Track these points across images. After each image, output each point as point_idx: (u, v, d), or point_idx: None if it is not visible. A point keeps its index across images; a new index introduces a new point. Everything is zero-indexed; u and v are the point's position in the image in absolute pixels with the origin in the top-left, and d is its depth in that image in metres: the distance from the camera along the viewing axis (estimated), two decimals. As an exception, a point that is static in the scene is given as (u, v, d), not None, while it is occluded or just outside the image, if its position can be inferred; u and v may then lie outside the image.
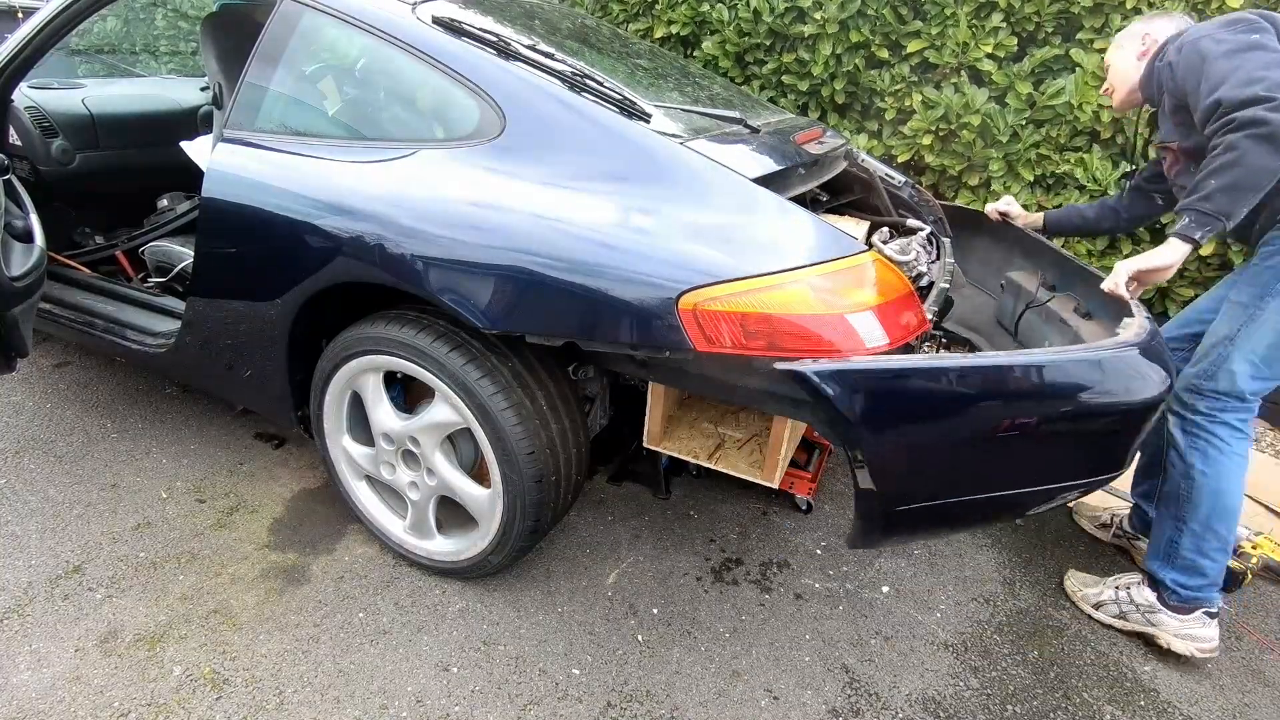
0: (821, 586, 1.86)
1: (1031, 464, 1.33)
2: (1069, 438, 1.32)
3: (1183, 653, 1.67)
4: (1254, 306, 1.57)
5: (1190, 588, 1.66)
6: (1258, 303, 1.56)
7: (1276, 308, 1.54)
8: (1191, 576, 1.65)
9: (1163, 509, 1.70)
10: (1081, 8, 2.49)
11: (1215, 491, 1.62)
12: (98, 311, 2.17)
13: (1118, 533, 2.06)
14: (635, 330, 1.29)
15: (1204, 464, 1.62)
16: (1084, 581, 1.87)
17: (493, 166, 1.42)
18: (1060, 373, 1.25)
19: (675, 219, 1.31)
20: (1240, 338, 1.58)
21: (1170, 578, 1.68)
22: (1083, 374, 1.26)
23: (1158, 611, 1.70)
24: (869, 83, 2.86)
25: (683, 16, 3.12)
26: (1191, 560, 1.65)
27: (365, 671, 1.54)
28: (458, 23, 1.56)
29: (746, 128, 1.62)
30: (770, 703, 1.54)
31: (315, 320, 1.69)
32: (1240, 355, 1.57)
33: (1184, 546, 1.65)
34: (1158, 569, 1.70)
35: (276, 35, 1.68)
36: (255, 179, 1.62)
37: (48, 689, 1.46)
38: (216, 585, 1.73)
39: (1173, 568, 1.68)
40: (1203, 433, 1.62)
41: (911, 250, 1.68)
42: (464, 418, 1.53)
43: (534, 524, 1.57)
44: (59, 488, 2.01)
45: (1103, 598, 1.79)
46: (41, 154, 2.47)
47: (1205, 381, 1.62)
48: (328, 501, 2.02)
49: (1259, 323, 1.56)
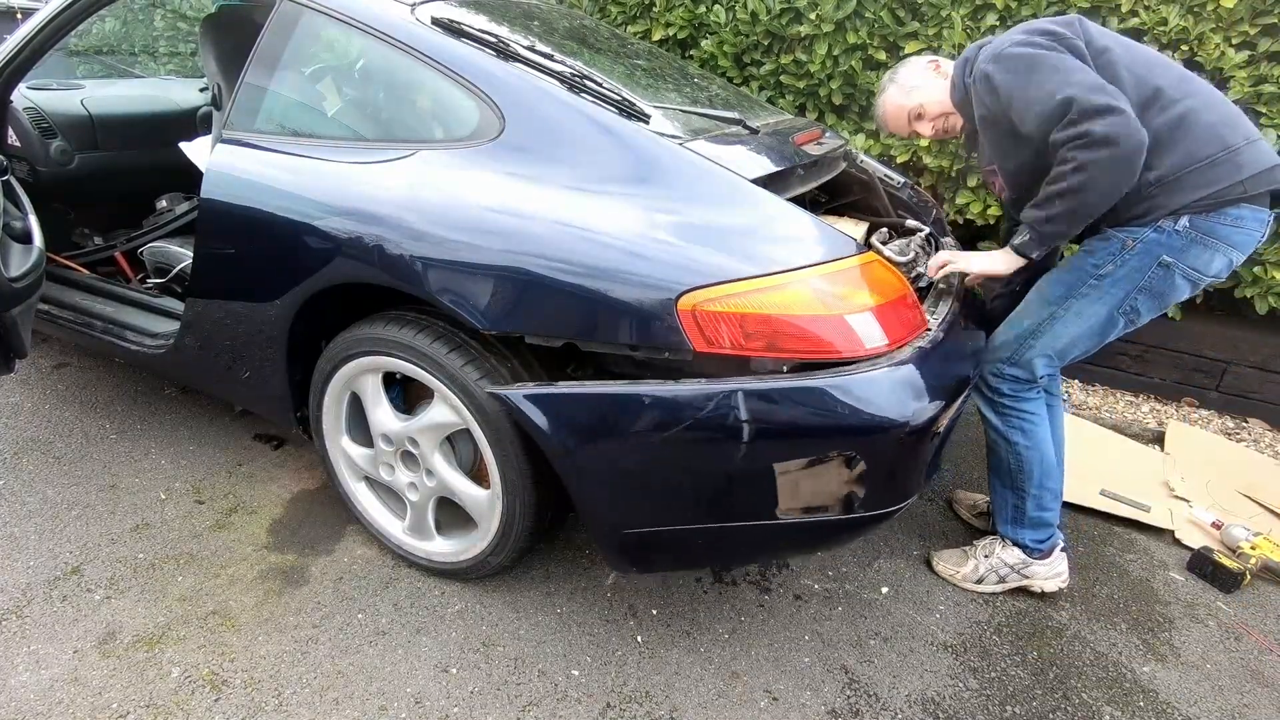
0: (820, 587, 1.86)
1: (757, 493, 1.33)
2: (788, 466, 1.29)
3: (1052, 590, 1.84)
4: (1058, 305, 1.63)
5: (1043, 539, 1.80)
6: (1063, 302, 1.62)
7: (1078, 310, 1.61)
8: (1041, 530, 1.80)
9: (998, 482, 1.82)
10: (1077, 9, 2.49)
11: (1037, 458, 1.74)
12: (97, 312, 2.16)
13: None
14: (634, 331, 1.29)
15: (1024, 438, 1.74)
16: (953, 560, 1.91)
17: (492, 167, 1.42)
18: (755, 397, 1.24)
19: (674, 220, 1.31)
20: (1042, 333, 1.65)
21: (1027, 537, 1.81)
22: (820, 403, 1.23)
23: (1028, 565, 1.82)
24: (867, 83, 2.87)
25: (680, 19, 3.12)
26: (1037, 517, 1.78)
27: (364, 672, 1.54)
28: (457, 23, 1.56)
29: (745, 128, 1.62)
30: (769, 703, 1.54)
31: (314, 321, 1.69)
32: (1040, 349, 1.66)
33: (1028, 509, 1.78)
34: (1012, 533, 1.82)
35: (275, 36, 1.68)
36: (254, 180, 1.62)
37: (46, 690, 1.45)
38: (215, 586, 1.72)
39: (1024, 527, 1.80)
40: (1014, 413, 1.73)
41: (910, 251, 1.68)
42: (463, 418, 1.53)
43: (533, 524, 1.57)
44: (57, 489, 2.01)
45: (980, 572, 1.86)
46: (40, 155, 2.47)
47: (1008, 368, 1.71)
48: (327, 502, 2.01)
49: (1061, 321, 1.63)
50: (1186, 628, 1.83)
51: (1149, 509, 2.19)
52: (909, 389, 1.27)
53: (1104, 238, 1.57)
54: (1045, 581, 1.83)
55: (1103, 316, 1.61)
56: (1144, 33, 2.44)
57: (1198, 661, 1.73)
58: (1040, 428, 1.74)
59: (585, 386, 1.34)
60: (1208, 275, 1.55)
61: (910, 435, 1.27)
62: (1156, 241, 1.51)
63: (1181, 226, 1.49)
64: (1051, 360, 1.68)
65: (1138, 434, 2.68)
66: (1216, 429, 2.78)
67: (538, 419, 1.34)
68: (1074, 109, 1.38)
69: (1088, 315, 1.61)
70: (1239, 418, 2.85)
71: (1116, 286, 1.57)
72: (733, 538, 1.41)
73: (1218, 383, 2.85)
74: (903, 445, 1.29)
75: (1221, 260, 1.53)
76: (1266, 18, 2.32)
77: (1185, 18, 2.37)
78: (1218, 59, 2.38)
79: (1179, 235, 1.50)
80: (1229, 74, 2.37)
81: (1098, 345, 1.67)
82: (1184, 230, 1.49)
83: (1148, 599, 1.91)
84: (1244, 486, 2.34)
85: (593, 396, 1.33)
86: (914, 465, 1.36)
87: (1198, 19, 2.37)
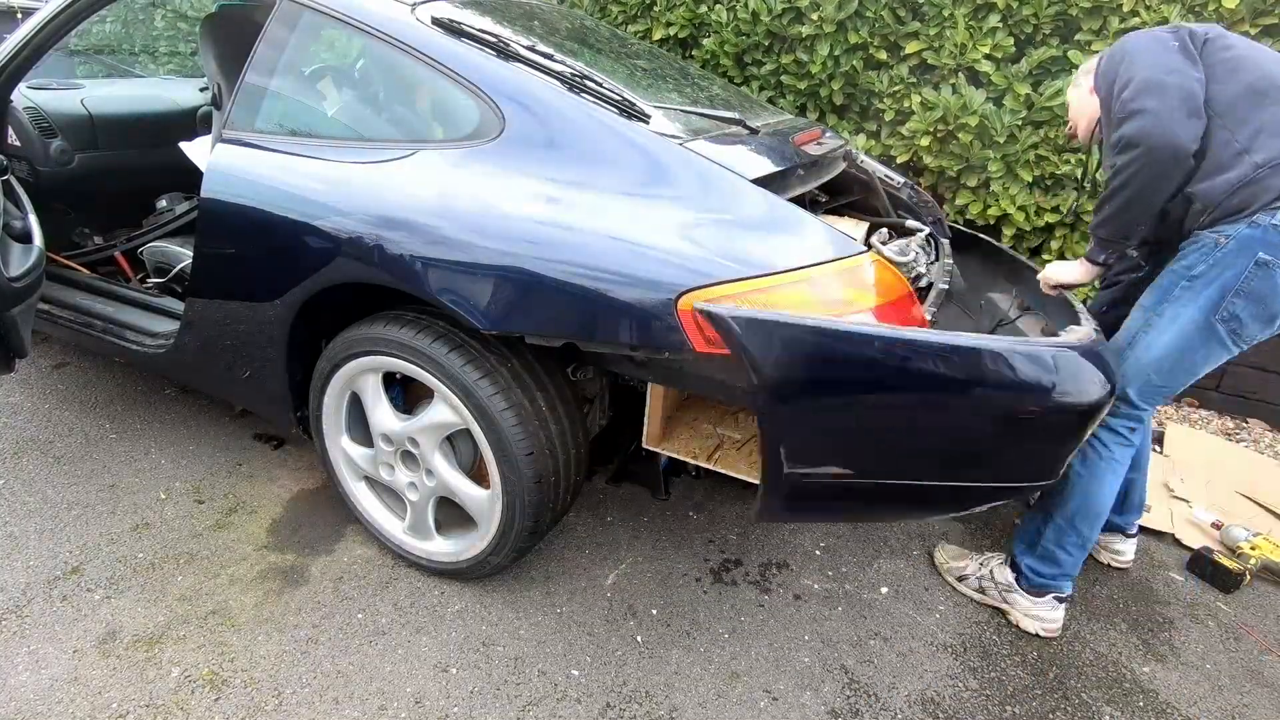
0: (820, 587, 1.86)
1: (947, 456, 1.33)
2: (990, 431, 1.30)
3: (1029, 630, 1.76)
4: (1152, 312, 1.55)
5: (1043, 575, 1.72)
6: (1156, 308, 1.54)
7: (1172, 316, 1.50)
8: (1047, 565, 1.72)
9: (1040, 501, 1.75)
10: (1080, 9, 2.49)
11: (1085, 492, 1.64)
12: (97, 312, 2.16)
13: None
14: (634, 331, 1.29)
15: (1081, 465, 1.63)
16: (952, 554, 1.92)
17: (492, 167, 1.42)
18: (989, 358, 1.22)
19: (674, 220, 1.31)
20: (1136, 343, 1.56)
21: (1027, 563, 1.74)
22: (1014, 364, 1.24)
23: (1013, 591, 1.77)
24: (867, 84, 2.86)
25: (681, 18, 3.12)
26: (1049, 551, 1.70)
27: (364, 672, 1.54)
28: (457, 23, 1.56)
29: (746, 129, 1.62)
30: (769, 703, 1.54)
31: (314, 321, 1.69)
32: (1132, 361, 1.56)
33: (1046, 537, 1.70)
34: (1019, 553, 1.77)
35: (275, 36, 1.68)
36: (254, 179, 1.62)
37: (46, 690, 1.45)
38: (215, 586, 1.73)
39: (1032, 554, 1.74)
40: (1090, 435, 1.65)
41: (910, 251, 1.67)
42: (463, 418, 1.53)
43: (533, 525, 1.57)
44: (57, 488, 2.01)
45: (966, 572, 1.86)
46: (40, 154, 2.47)
47: None
48: (327, 502, 2.01)
49: (1155, 329, 1.53)
50: (1186, 628, 1.83)
51: (1149, 509, 2.19)
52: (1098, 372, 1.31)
53: (1195, 240, 1.48)
54: (1023, 617, 1.75)
55: (1197, 321, 1.47)
56: (1144, 33, 2.44)
57: (1197, 662, 1.73)
58: (1105, 464, 1.62)
59: (802, 318, 1.22)
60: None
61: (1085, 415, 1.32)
62: (1251, 237, 1.40)
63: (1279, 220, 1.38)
64: (1146, 381, 1.55)
65: (1138, 434, 2.68)
66: (1216, 429, 2.78)
67: (750, 343, 1.20)
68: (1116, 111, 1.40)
69: (1181, 321, 1.49)
70: (1239, 418, 2.85)
71: (1209, 287, 1.45)
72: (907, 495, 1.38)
73: (1217, 383, 2.85)
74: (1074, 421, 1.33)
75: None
76: (1267, 18, 2.32)
77: (1186, 17, 2.37)
78: (1218, 59, 2.37)
79: (1276, 230, 1.38)
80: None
81: (1204, 364, 1.53)
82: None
83: (1147, 599, 1.91)
84: (1244, 487, 2.34)
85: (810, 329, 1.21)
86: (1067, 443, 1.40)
87: (1199, 19, 2.37)
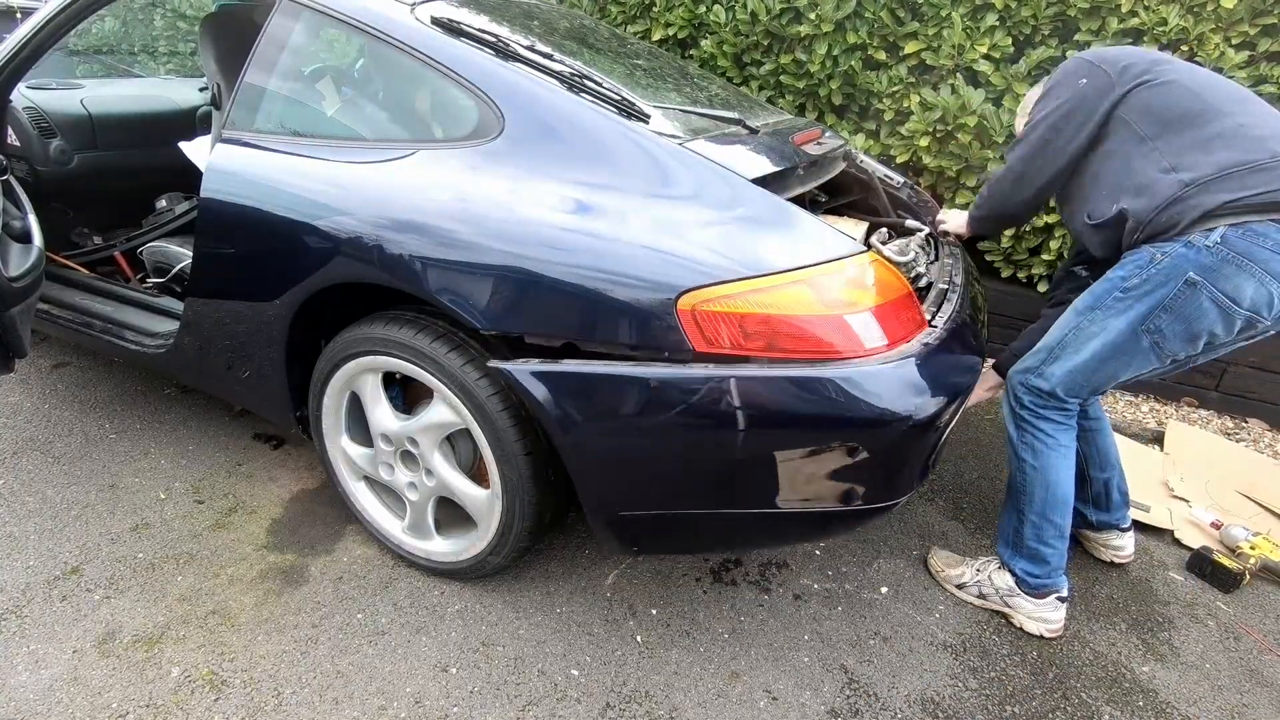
0: (820, 587, 1.86)
1: (757, 482, 1.33)
2: (790, 455, 1.29)
3: (1034, 632, 1.76)
4: (1084, 317, 1.59)
5: (1039, 576, 1.73)
6: (1088, 313, 1.58)
7: (1102, 323, 1.55)
8: (1037, 565, 1.73)
9: (1008, 499, 1.78)
10: (1078, 9, 2.49)
11: (1045, 483, 1.68)
12: (96, 312, 2.16)
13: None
14: (634, 331, 1.29)
15: (1033, 458, 1.69)
16: (947, 561, 1.91)
17: (491, 167, 1.42)
18: (772, 386, 1.24)
19: (674, 219, 1.31)
20: (1067, 344, 1.61)
21: (1019, 567, 1.75)
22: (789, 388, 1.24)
23: (1015, 595, 1.77)
24: (866, 84, 2.87)
25: (680, 18, 3.12)
26: (1034, 549, 1.72)
27: (364, 672, 1.54)
28: (456, 23, 1.56)
29: (745, 128, 1.62)
30: (769, 703, 1.54)
31: (314, 321, 1.69)
32: (1063, 362, 1.61)
33: (1026, 536, 1.72)
34: (1008, 557, 1.78)
35: (275, 36, 1.68)
36: (254, 179, 1.62)
37: (46, 690, 1.45)
38: (215, 586, 1.72)
39: (1020, 556, 1.75)
40: (1029, 428, 1.69)
41: (910, 251, 1.68)
42: (462, 418, 1.53)
43: (533, 524, 1.57)
44: (57, 488, 2.01)
45: (964, 579, 1.85)
46: (40, 154, 2.47)
47: (1032, 378, 1.67)
48: (326, 502, 2.01)
49: (1085, 334, 1.58)
50: (1186, 627, 1.83)
51: (1148, 509, 2.19)
52: (911, 384, 1.27)
53: (1135, 252, 1.52)
54: (1027, 620, 1.75)
55: (1124, 332, 1.52)
56: (1144, 33, 2.45)
57: (1197, 661, 1.73)
58: (1053, 454, 1.67)
59: (591, 366, 1.32)
60: (1241, 306, 1.42)
61: (911, 430, 1.27)
62: (1185, 257, 1.43)
63: (1213, 242, 1.40)
64: (1073, 379, 1.60)
65: (1137, 434, 2.69)
66: (1216, 429, 2.78)
67: (539, 394, 1.33)
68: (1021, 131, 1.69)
69: (1110, 329, 1.54)
70: (1238, 418, 2.85)
71: (1140, 301, 1.49)
72: (730, 525, 1.41)
73: (1217, 383, 2.85)
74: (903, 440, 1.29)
75: (1257, 289, 1.40)
76: (1266, 18, 2.32)
77: (1185, 18, 2.37)
78: (1217, 59, 2.38)
79: (1209, 252, 1.40)
80: (1229, 74, 2.37)
81: (1126, 370, 1.58)
82: (1215, 247, 1.40)
83: (1147, 599, 1.91)
84: (1243, 486, 2.34)
85: (597, 376, 1.31)
86: (912, 462, 1.36)
87: (1197, 19, 2.37)
